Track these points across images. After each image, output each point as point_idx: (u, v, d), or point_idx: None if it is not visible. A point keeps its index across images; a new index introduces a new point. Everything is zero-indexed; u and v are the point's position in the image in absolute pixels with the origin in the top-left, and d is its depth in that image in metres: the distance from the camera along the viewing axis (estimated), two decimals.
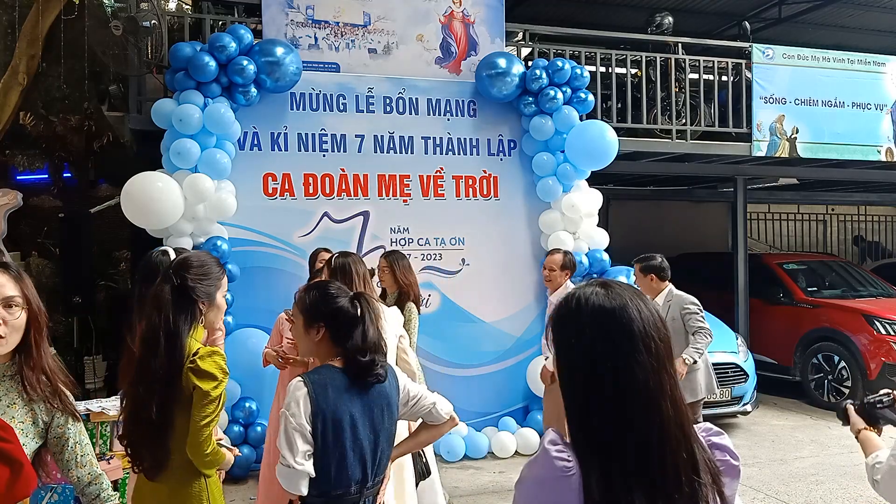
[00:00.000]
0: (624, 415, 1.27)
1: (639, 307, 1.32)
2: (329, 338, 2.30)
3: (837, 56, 8.43)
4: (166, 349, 2.23)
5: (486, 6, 6.81)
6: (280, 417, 2.17)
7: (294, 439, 2.12)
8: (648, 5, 9.82)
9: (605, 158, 6.53)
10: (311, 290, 2.41)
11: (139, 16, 5.60)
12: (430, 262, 6.42)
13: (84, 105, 7.77)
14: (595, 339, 1.31)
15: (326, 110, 6.24)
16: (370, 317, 2.32)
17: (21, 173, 7.75)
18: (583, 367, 1.32)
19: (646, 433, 1.26)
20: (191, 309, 2.32)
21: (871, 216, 14.57)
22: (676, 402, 1.29)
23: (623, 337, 1.29)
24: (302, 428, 2.12)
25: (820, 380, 8.00)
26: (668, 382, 1.29)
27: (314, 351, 2.36)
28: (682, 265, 9.94)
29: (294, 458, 2.10)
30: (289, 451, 2.11)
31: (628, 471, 1.25)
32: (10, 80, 7.50)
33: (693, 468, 1.27)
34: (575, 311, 1.35)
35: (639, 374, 1.27)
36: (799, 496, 5.29)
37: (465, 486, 5.50)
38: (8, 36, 7.68)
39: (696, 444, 1.30)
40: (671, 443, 1.26)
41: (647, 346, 1.29)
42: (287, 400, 2.17)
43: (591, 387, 1.31)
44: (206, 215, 5.60)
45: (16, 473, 1.51)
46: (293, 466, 2.11)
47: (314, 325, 2.31)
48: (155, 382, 2.21)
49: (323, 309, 2.31)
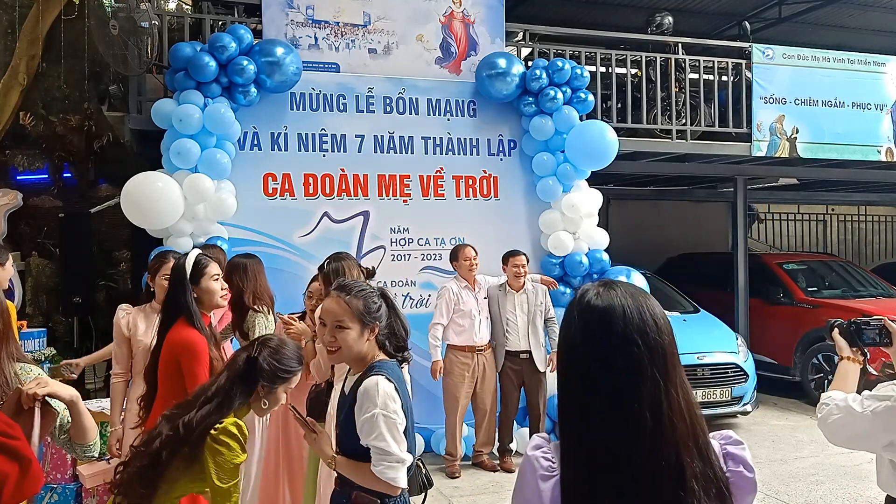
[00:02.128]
0: (597, 415, 1.26)
1: (626, 308, 1.30)
2: (377, 336, 2.37)
3: (837, 56, 8.43)
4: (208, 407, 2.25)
5: (486, 6, 6.81)
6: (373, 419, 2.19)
7: (399, 433, 2.20)
8: (648, 5, 9.82)
9: (605, 158, 6.53)
10: (357, 294, 2.37)
11: (138, 16, 5.59)
12: (430, 262, 6.42)
13: (84, 105, 7.78)
14: (579, 339, 1.32)
15: (326, 110, 6.24)
16: (397, 309, 2.45)
17: (21, 173, 7.75)
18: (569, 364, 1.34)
19: (618, 436, 1.24)
20: (251, 384, 2.34)
21: (871, 216, 14.57)
22: (659, 407, 1.25)
23: (624, 337, 1.28)
24: (400, 422, 2.22)
25: (820, 380, 7.99)
26: (653, 388, 1.26)
27: (363, 351, 2.36)
28: (682, 265, 10.00)
29: (402, 451, 2.20)
30: (397, 446, 2.19)
31: (596, 473, 1.24)
32: (10, 80, 7.51)
33: (678, 477, 1.24)
34: (577, 311, 1.36)
35: (613, 376, 1.26)
36: (799, 496, 5.29)
37: (465, 486, 5.50)
38: (8, 36, 7.69)
39: (687, 455, 1.26)
40: (646, 449, 1.24)
41: (626, 350, 1.27)
42: (380, 400, 2.19)
43: (569, 384, 1.33)
44: (206, 215, 5.60)
45: (24, 470, 1.51)
46: (404, 459, 2.21)
47: (368, 327, 2.34)
48: (180, 429, 2.22)
49: (376, 311, 2.36)
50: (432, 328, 5.61)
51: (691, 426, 1.28)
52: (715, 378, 6.84)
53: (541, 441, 1.33)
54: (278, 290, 5.68)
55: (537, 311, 5.79)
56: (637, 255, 8.57)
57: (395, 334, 2.41)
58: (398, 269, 6.31)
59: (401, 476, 2.22)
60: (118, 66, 5.82)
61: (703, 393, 6.73)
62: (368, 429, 2.19)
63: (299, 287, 4.46)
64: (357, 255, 6.07)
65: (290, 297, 5.00)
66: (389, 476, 2.20)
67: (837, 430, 2.14)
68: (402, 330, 2.42)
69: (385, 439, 2.18)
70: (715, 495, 1.26)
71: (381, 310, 2.37)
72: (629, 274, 6.46)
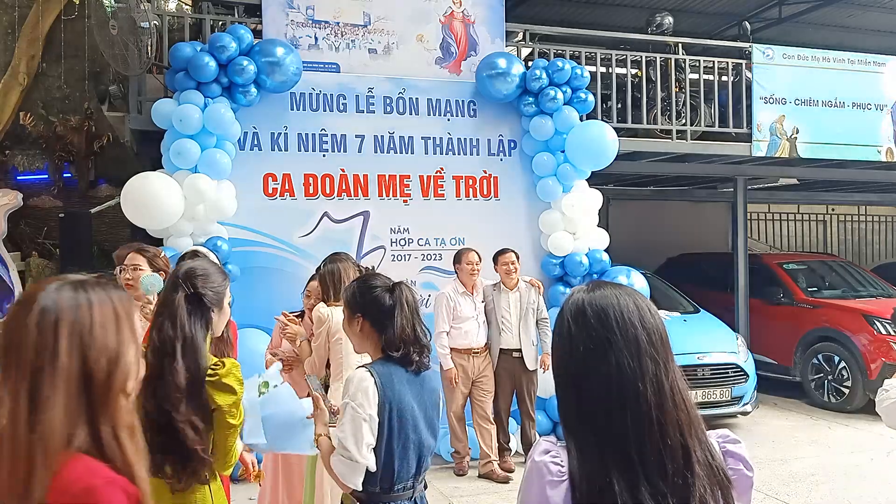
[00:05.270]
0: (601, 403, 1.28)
1: (618, 296, 1.34)
2: (375, 330, 2.30)
3: (837, 56, 8.42)
4: (185, 360, 2.18)
5: (486, 6, 6.81)
6: (343, 409, 2.17)
7: (362, 431, 2.11)
8: (648, 5, 9.82)
9: (605, 158, 6.53)
10: (353, 282, 2.45)
11: (138, 16, 5.59)
12: (430, 262, 6.42)
13: (84, 105, 7.78)
14: (578, 335, 1.33)
15: (326, 110, 6.24)
16: (407, 308, 2.31)
17: (21, 173, 7.75)
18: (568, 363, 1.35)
19: (625, 422, 1.26)
20: (205, 316, 2.30)
21: (871, 216, 14.57)
22: (661, 387, 1.29)
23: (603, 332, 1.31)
24: (371, 419, 2.13)
25: (820, 380, 8.00)
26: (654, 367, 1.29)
27: (362, 344, 2.36)
28: (682, 265, 9.99)
29: (359, 450, 2.11)
30: (354, 443, 2.11)
31: (608, 461, 1.25)
32: (10, 80, 7.51)
33: (685, 459, 1.26)
34: (568, 311, 1.38)
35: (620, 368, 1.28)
36: (799, 496, 5.28)
37: (465, 486, 5.50)
38: (8, 36, 7.69)
39: (695, 441, 1.29)
40: (651, 432, 1.26)
41: (624, 329, 1.31)
42: (352, 391, 2.16)
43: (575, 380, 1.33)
44: (206, 215, 5.60)
45: None
46: (356, 459, 2.11)
47: (354, 318, 2.33)
48: (177, 393, 2.13)
49: (360, 300, 2.33)
50: (438, 337, 5.59)
51: (691, 411, 1.31)
52: (715, 378, 6.83)
53: (549, 445, 1.33)
54: (278, 289, 5.72)
55: (529, 309, 5.79)
56: (637, 255, 8.56)
57: (396, 334, 2.28)
58: (398, 269, 6.29)
59: (350, 473, 2.14)
60: (118, 66, 5.83)
61: (703, 393, 6.72)
62: (341, 418, 2.18)
63: (299, 287, 4.47)
64: (357, 255, 6.07)
65: (289, 296, 5.00)
66: (339, 470, 2.16)
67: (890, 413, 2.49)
68: (412, 331, 2.28)
69: (345, 432, 2.13)
70: (717, 484, 1.28)
71: (367, 302, 2.31)
72: (629, 274, 6.46)
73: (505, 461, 5.81)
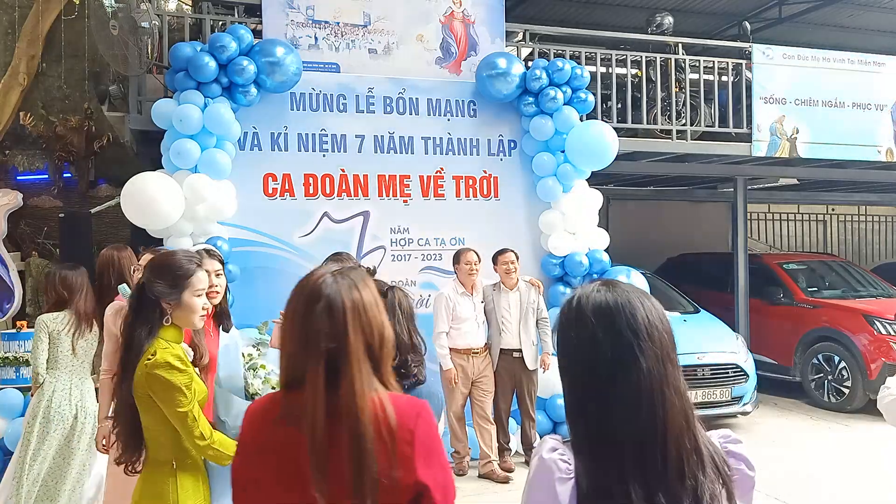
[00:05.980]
0: (623, 408, 1.27)
1: (641, 303, 1.34)
2: None
3: (837, 56, 8.42)
4: (126, 349, 2.29)
5: (486, 6, 6.81)
6: None
7: None
8: (648, 5, 9.82)
9: (605, 158, 6.53)
10: None
11: (138, 16, 5.59)
12: (430, 263, 6.42)
13: (84, 105, 7.77)
14: (597, 335, 1.32)
15: (326, 110, 6.24)
16: (401, 313, 2.27)
17: (21, 173, 7.74)
18: (584, 363, 1.33)
19: (646, 425, 1.26)
20: (150, 310, 2.32)
21: (871, 216, 14.57)
22: (680, 393, 1.30)
23: (626, 331, 1.30)
24: None
25: (820, 380, 8.00)
26: (671, 374, 1.30)
27: None
28: (682, 265, 9.99)
29: None
30: None
31: (623, 463, 1.25)
32: (10, 80, 7.50)
33: (699, 459, 1.27)
34: (576, 309, 1.37)
35: (641, 365, 1.28)
36: (799, 496, 5.28)
37: (465, 486, 5.49)
38: (8, 36, 7.69)
39: (703, 439, 1.30)
40: (674, 434, 1.26)
41: (650, 339, 1.30)
42: None
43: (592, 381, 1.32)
44: (206, 215, 5.60)
45: None
46: None
47: None
48: (128, 381, 2.27)
49: None
50: (437, 338, 5.59)
51: (694, 411, 1.31)
52: (715, 378, 6.84)
53: (555, 443, 1.33)
54: (278, 290, 5.66)
55: (529, 308, 5.79)
56: (637, 255, 8.57)
57: None
58: (398, 269, 6.30)
59: None
60: (118, 66, 5.83)
61: (703, 393, 6.72)
62: None
63: None
64: (357, 255, 6.07)
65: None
66: None
67: (892, 411, 2.52)
68: (407, 337, 2.23)
69: None
70: (724, 484, 1.28)
71: None
72: (629, 274, 6.46)
73: (505, 461, 5.80)
